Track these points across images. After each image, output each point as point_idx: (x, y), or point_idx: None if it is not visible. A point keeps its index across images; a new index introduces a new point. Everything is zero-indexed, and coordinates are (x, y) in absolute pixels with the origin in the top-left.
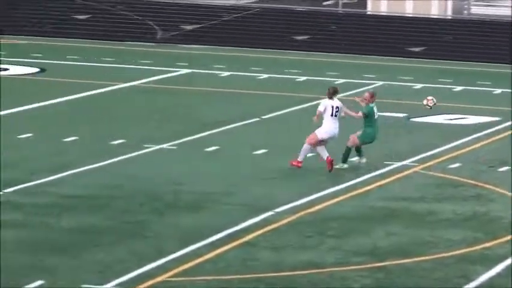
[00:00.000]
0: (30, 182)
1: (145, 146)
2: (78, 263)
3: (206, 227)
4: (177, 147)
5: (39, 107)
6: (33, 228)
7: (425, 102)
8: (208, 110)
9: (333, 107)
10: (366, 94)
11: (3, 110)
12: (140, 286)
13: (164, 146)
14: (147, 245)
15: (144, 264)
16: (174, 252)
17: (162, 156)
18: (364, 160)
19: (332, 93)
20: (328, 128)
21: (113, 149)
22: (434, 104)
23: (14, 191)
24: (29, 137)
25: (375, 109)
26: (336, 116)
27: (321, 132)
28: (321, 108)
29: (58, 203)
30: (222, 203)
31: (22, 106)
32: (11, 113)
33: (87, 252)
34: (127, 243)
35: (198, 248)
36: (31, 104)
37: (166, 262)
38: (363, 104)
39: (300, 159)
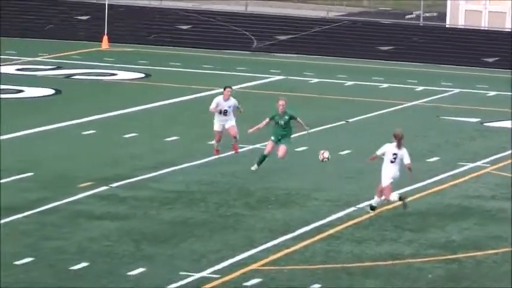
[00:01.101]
0: (134, 177)
1: (240, 145)
2: (175, 252)
3: (294, 221)
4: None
5: (144, 109)
6: (135, 220)
7: (320, 158)
8: (299, 114)
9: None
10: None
11: (112, 112)
12: (233, 274)
13: (257, 146)
14: (240, 237)
15: (237, 254)
16: (264, 244)
17: (255, 155)
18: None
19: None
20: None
21: (209, 148)
22: (328, 158)
23: (119, 186)
24: (134, 136)
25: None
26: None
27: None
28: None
29: (158, 197)
30: (309, 199)
31: (129, 108)
32: (119, 114)
33: (184, 242)
34: (221, 235)
35: (287, 240)
36: (137, 106)
37: (257, 252)
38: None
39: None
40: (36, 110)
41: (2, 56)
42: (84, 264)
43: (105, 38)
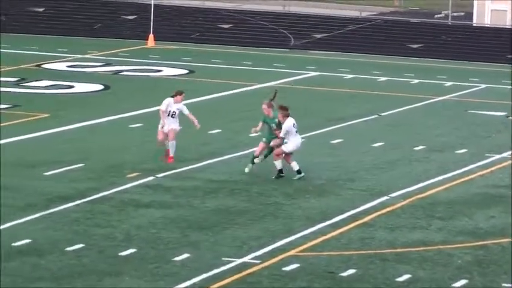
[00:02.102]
0: (179, 168)
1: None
2: (219, 239)
3: (330, 209)
4: (306, 139)
5: (188, 103)
6: (180, 208)
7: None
8: (334, 108)
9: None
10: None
11: (158, 106)
12: (273, 259)
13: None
14: (279, 224)
15: (276, 241)
16: (303, 231)
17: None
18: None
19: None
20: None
21: (250, 140)
22: None
23: (165, 176)
24: (178, 129)
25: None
26: None
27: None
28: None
29: (202, 187)
30: (344, 188)
31: None
32: None
33: (227, 229)
34: (261, 222)
35: (324, 227)
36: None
37: (295, 239)
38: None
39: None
40: (86, 104)
41: (54, 54)
42: (132, 250)
43: (151, 36)
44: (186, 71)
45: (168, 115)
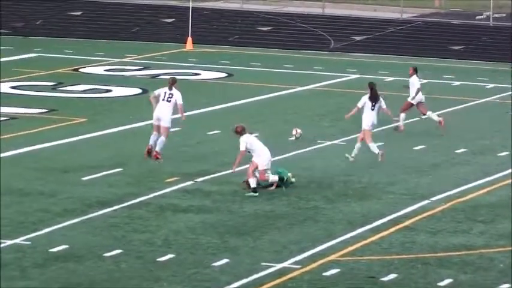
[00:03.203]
0: (218, 172)
1: (319, 141)
2: (258, 244)
3: (371, 213)
4: (346, 142)
5: (227, 107)
6: (219, 213)
7: (294, 132)
8: None
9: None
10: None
11: (196, 110)
12: (313, 264)
13: (336, 142)
14: (319, 229)
15: (316, 245)
16: (343, 235)
17: (333, 150)
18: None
19: None
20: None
21: (289, 144)
22: (301, 135)
23: (204, 181)
24: (217, 133)
25: None
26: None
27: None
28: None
29: (241, 191)
30: (385, 192)
31: (212, 106)
32: (202, 113)
33: (266, 234)
34: (301, 227)
35: (364, 232)
36: (220, 104)
37: (336, 244)
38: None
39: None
40: (124, 108)
41: (91, 58)
42: (170, 255)
43: (189, 39)
44: (224, 74)
45: (163, 99)
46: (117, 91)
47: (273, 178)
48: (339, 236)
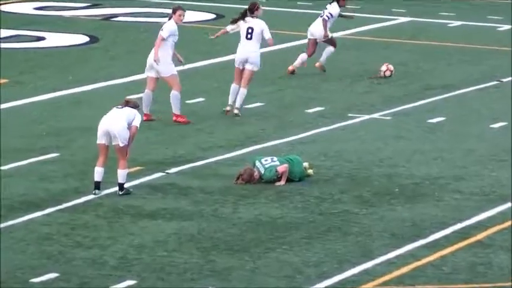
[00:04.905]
0: (201, 160)
1: (351, 115)
2: (259, 265)
3: (427, 222)
4: (391, 117)
5: (219, 61)
6: (202, 220)
7: (383, 68)
8: (433, 70)
9: None
10: None
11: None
12: None
13: (375, 115)
14: (350, 244)
15: (346, 268)
16: (385, 254)
17: (372, 128)
18: None
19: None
20: None
21: (311, 118)
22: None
23: (179, 172)
24: (201, 101)
25: None
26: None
27: None
28: None
29: (235, 188)
30: (448, 191)
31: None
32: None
33: (271, 251)
34: (323, 241)
35: (416, 249)
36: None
37: (374, 266)
38: None
39: None
40: (64, 64)
41: None
42: (130, 282)
43: None
44: (213, 16)
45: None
46: (53, 39)
47: (282, 168)
48: (378, 255)
